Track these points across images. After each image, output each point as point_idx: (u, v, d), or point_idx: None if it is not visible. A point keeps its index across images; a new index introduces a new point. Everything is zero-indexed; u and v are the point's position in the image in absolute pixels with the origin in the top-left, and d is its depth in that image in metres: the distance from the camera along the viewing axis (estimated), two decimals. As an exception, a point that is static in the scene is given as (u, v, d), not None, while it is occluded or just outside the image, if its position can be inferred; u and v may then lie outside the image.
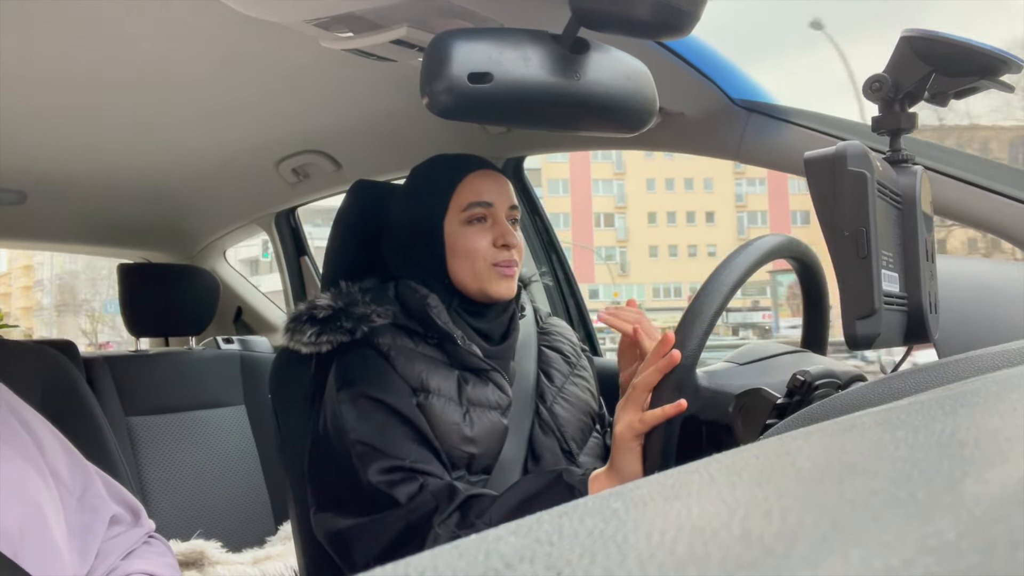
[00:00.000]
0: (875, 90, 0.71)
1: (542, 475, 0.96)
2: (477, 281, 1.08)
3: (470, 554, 0.19)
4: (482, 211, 1.09)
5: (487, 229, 1.09)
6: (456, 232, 1.09)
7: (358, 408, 1.01)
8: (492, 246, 1.08)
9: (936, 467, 0.20)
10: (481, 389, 1.07)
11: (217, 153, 1.75)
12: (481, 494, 0.95)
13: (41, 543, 0.77)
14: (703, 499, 0.21)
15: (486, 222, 1.09)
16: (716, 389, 0.85)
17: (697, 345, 0.79)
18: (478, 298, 1.10)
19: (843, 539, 0.16)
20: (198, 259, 2.53)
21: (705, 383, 0.86)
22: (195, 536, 1.85)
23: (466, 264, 1.08)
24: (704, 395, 0.84)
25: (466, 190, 1.09)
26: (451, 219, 1.09)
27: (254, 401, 2.15)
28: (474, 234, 1.08)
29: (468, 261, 1.08)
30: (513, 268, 1.09)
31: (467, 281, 1.09)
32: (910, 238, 0.67)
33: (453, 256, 1.09)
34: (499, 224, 1.09)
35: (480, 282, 1.08)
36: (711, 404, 0.84)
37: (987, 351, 0.58)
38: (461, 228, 1.09)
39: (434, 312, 1.07)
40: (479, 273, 1.08)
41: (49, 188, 1.91)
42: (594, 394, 1.22)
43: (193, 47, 1.17)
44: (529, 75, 0.67)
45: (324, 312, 1.09)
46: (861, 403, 0.56)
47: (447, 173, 1.12)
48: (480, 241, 1.08)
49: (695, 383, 0.85)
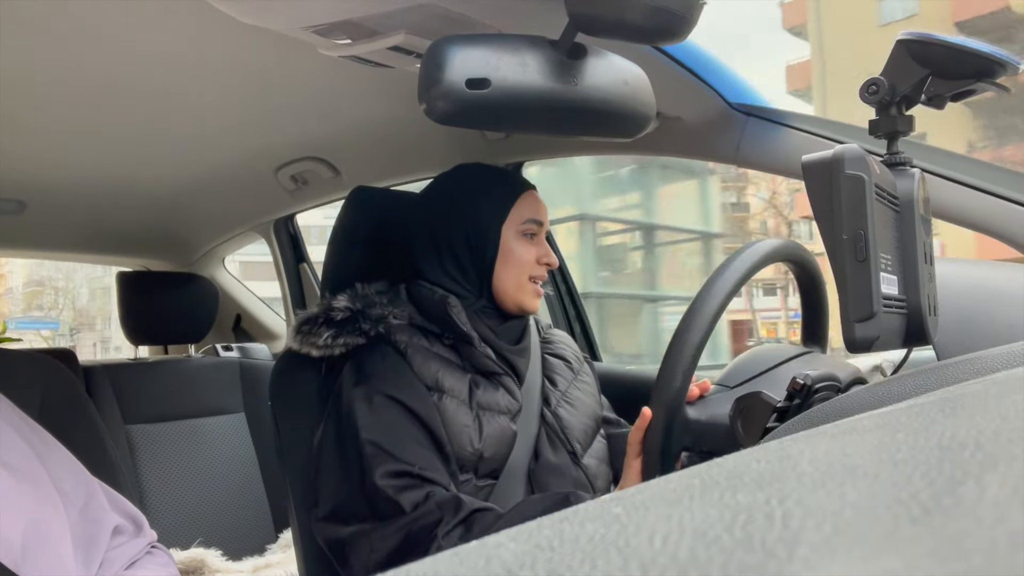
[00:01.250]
0: (872, 93, 0.71)
1: (548, 497, 0.96)
2: (516, 290, 1.13)
3: (471, 560, 0.18)
4: (535, 228, 1.15)
5: (534, 245, 1.15)
6: (512, 240, 1.14)
7: (372, 406, 1.01)
8: (536, 262, 1.14)
9: (937, 469, 0.20)
10: (492, 393, 1.07)
11: (216, 160, 1.76)
12: (485, 508, 0.95)
13: (45, 555, 0.77)
14: (705, 503, 0.21)
15: (534, 239, 1.15)
16: (708, 421, 0.84)
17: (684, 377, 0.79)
18: (508, 308, 1.13)
19: (845, 542, 0.16)
20: (197, 267, 2.53)
21: (695, 415, 0.86)
22: (195, 545, 1.84)
23: (512, 273, 1.13)
24: (696, 428, 0.84)
25: (525, 205, 1.15)
26: (509, 228, 1.14)
27: (253, 409, 2.14)
28: (528, 247, 1.14)
29: (515, 271, 1.13)
30: (541, 288, 1.16)
31: (508, 288, 1.13)
32: (908, 241, 0.67)
33: (504, 264, 1.13)
34: (543, 244, 1.16)
35: (518, 292, 1.13)
36: (705, 435, 0.83)
37: (987, 353, 0.58)
38: (518, 239, 1.14)
39: (454, 312, 1.08)
40: (522, 285, 1.13)
41: (47, 197, 1.91)
42: (597, 398, 1.23)
43: (192, 55, 1.17)
44: (527, 81, 0.67)
45: (342, 314, 1.09)
46: (861, 406, 0.56)
47: (508, 185, 1.17)
48: (530, 255, 1.14)
49: (685, 417, 0.85)
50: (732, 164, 1.27)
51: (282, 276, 2.29)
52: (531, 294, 1.14)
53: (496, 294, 1.13)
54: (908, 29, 0.71)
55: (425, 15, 0.84)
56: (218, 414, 2.11)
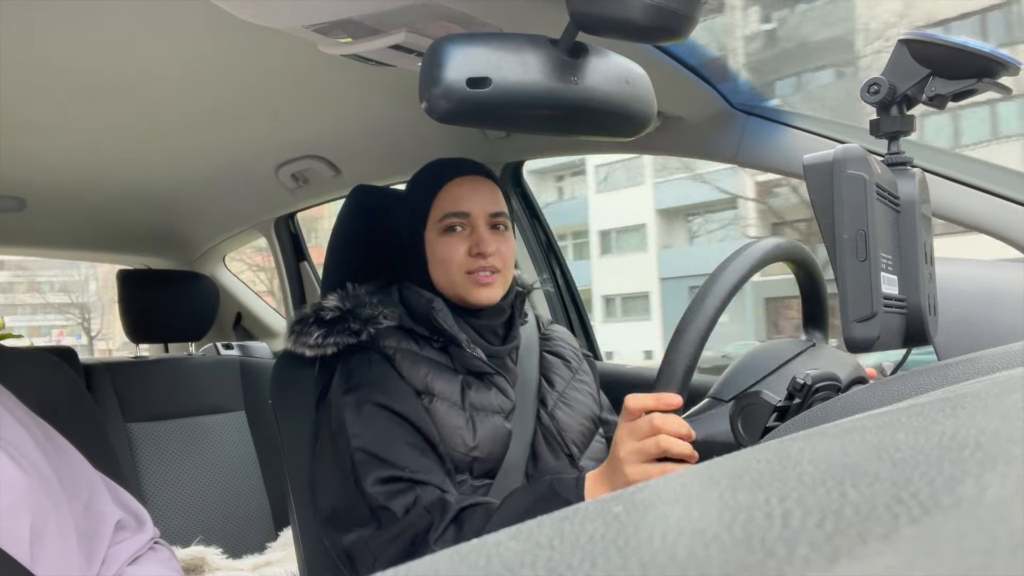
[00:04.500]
0: (873, 93, 0.71)
1: (533, 486, 0.95)
2: (454, 289, 1.09)
3: (471, 560, 0.19)
4: (458, 220, 1.09)
5: (464, 237, 1.09)
6: (434, 241, 1.10)
7: (362, 414, 1.01)
8: (467, 255, 1.08)
9: (937, 469, 0.20)
10: (484, 394, 1.07)
11: (217, 159, 1.76)
12: (475, 504, 0.95)
13: (49, 549, 0.77)
14: (704, 502, 0.21)
15: (464, 231, 1.10)
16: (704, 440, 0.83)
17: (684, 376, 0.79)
18: (461, 304, 1.10)
19: (845, 541, 0.16)
20: (197, 265, 2.53)
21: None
22: (195, 542, 1.85)
23: (443, 273, 1.10)
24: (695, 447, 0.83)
25: (443, 200, 1.10)
26: (430, 229, 1.11)
27: (254, 407, 2.14)
28: (450, 243, 1.09)
29: (444, 270, 1.09)
30: (491, 276, 1.09)
31: (446, 289, 1.10)
32: (909, 241, 0.67)
33: (433, 265, 1.11)
34: (476, 232, 1.09)
35: (457, 290, 1.09)
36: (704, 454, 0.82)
37: (987, 353, 0.58)
38: (438, 238, 1.10)
39: (439, 315, 1.07)
40: (455, 282, 1.09)
41: (48, 195, 1.91)
42: (596, 398, 1.22)
43: (192, 53, 1.17)
44: (527, 80, 0.67)
45: (331, 314, 1.09)
46: (861, 406, 0.56)
47: (427, 183, 1.13)
48: (455, 250, 1.09)
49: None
50: (733, 164, 1.27)
51: (282, 274, 2.29)
52: (471, 288, 1.08)
53: (442, 294, 1.10)
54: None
55: (426, 14, 0.84)
56: (218, 412, 2.11)
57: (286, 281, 2.28)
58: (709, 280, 0.81)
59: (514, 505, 0.92)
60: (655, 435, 0.81)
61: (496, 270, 1.09)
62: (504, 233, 1.12)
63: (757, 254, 0.83)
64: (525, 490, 0.95)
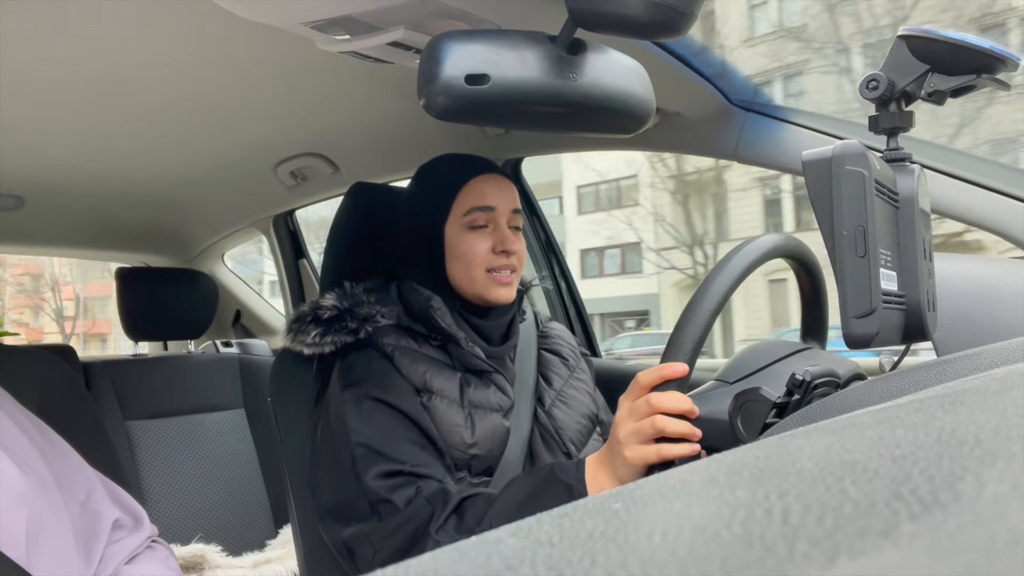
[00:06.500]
0: (872, 89, 0.71)
1: (534, 473, 0.95)
2: (473, 286, 1.08)
3: (471, 556, 0.19)
4: (483, 216, 1.08)
5: (488, 235, 1.09)
6: (456, 237, 1.09)
7: (362, 409, 1.01)
8: (491, 252, 1.08)
9: (936, 465, 0.20)
10: (483, 391, 1.07)
11: (215, 156, 1.75)
12: (476, 494, 0.95)
13: (46, 548, 0.77)
14: (704, 499, 0.21)
15: (487, 227, 1.09)
16: (706, 417, 0.84)
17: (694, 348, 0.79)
18: (476, 302, 1.10)
19: (845, 537, 0.16)
20: (196, 262, 2.53)
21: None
22: (195, 540, 1.85)
23: (463, 269, 1.08)
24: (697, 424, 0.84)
25: (469, 194, 1.09)
26: (452, 223, 1.09)
27: (253, 404, 2.15)
28: (474, 239, 1.08)
29: (465, 266, 1.08)
30: (510, 276, 1.09)
31: (464, 286, 1.09)
32: (908, 237, 0.67)
33: (452, 261, 1.09)
34: (500, 230, 1.09)
35: (476, 288, 1.08)
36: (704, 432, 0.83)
37: (986, 349, 0.58)
38: (461, 233, 1.08)
39: (437, 314, 1.07)
40: (476, 279, 1.08)
41: (46, 193, 1.90)
42: (593, 396, 1.22)
43: (190, 51, 1.16)
44: (526, 76, 0.67)
45: (329, 312, 1.09)
46: (861, 402, 0.56)
47: (451, 176, 1.11)
48: (479, 247, 1.08)
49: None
50: (732, 160, 1.27)
51: (281, 272, 2.29)
52: (491, 287, 1.07)
53: (458, 291, 1.09)
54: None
55: (424, 10, 0.84)
56: (218, 410, 2.11)
57: (285, 279, 2.28)
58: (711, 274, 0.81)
59: (516, 491, 0.92)
60: (652, 415, 0.80)
61: (515, 269, 1.10)
62: (519, 234, 1.12)
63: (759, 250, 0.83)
64: (526, 476, 0.95)
